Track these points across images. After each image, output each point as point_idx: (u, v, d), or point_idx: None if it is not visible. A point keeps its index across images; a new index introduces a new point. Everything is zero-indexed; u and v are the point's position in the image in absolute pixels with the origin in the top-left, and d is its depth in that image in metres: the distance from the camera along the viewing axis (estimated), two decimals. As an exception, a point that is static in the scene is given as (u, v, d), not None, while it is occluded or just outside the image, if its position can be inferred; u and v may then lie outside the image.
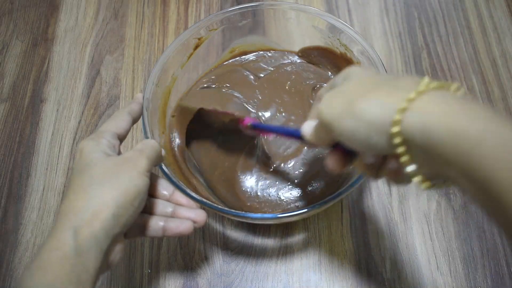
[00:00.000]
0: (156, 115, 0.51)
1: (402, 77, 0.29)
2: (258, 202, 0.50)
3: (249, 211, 0.50)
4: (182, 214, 0.41)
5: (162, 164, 0.44)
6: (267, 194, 0.50)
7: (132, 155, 0.37)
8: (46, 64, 0.67)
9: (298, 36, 0.58)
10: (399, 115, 0.26)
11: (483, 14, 0.67)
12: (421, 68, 0.63)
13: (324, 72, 0.58)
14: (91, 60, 0.66)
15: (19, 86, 0.65)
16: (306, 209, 0.42)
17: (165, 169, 0.44)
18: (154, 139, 0.47)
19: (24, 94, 0.64)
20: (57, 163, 0.59)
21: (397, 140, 0.26)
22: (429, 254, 0.50)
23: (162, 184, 0.42)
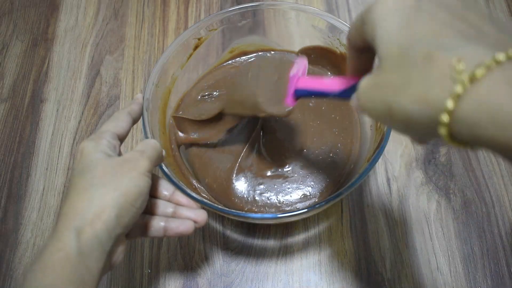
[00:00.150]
0: (156, 116, 0.51)
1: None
2: (257, 206, 0.49)
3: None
4: (183, 214, 0.41)
5: (163, 164, 0.44)
6: (266, 198, 0.50)
7: (133, 156, 0.37)
8: (46, 64, 0.67)
9: (298, 36, 0.58)
10: (446, 117, 0.21)
11: (483, 14, 0.67)
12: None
13: (324, 73, 0.58)
14: (91, 60, 0.66)
15: (19, 86, 0.65)
16: (306, 209, 0.42)
17: (165, 169, 0.44)
18: (154, 139, 0.47)
19: (24, 94, 0.64)
20: (57, 163, 0.59)
21: (443, 133, 0.22)
22: (429, 254, 0.51)
23: (163, 185, 0.42)
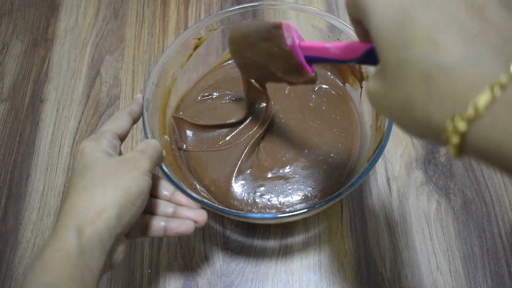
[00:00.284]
0: (156, 116, 0.51)
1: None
2: (257, 208, 0.49)
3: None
4: (183, 214, 0.41)
5: (163, 164, 0.44)
6: (266, 200, 0.49)
7: (134, 155, 0.37)
8: (46, 64, 0.67)
9: (298, 36, 0.58)
10: (455, 136, 0.21)
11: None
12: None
13: (324, 73, 0.58)
14: (91, 60, 0.66)
15: (19, 86, 0.65)
16: (306, 209, 0.42)
17: (166, 169, 0.44)
18: (154, 139, 0.47)
19: (24, 94, 0.64)
20: (57, 163, 0.58)
21: (454, 142, 0.21)
22: (429, 254, 0.51)
23: (163, 184, 0.42)
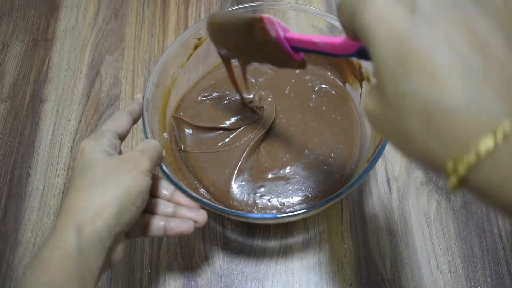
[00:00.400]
0: (156, 115, 0.51)
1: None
2: (257, 209, 0.49)
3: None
4: (183, 214, 0.41)
5: (163, 164, 0.43)
6: (267, 201, 0.49)
7: (134, 155, 0.37)
8: (46, 64, 0.67)
9: (298, 36, 0.58)
10: (455, 177, 0.20)
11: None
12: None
13: (324, 73, 0.58)
14: (91, 60, 0.67)
15: (19, 86, 0.65)
16: (306, 209, 0.42)
17: (166, 169, 0.44)
18: (154, 139, 0.47)
19: (24, 94, 0.64)
20: (57, 163, 0.58)
21: (453, 181, 0.21)
22: (429, 254, 0.51)
23: (163, 184, 0.42)
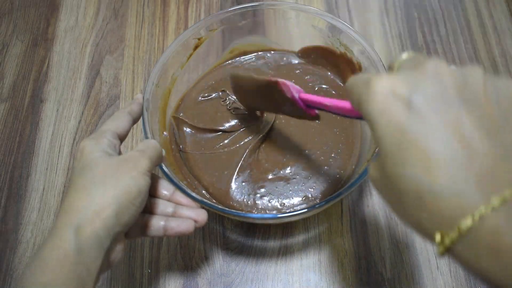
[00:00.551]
0: (156, 116, 0.51)
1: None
2: (257, 210, 0.49)
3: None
4: (183, 214, 0.41)
5: (163, 164, 0.44)
6: (267, 201, 0.49)
7: (134, 155, 0.37)
8: (46, 64, 0.67)
9: (298, 36, 0.58)
10: (442, 247, 0.22)
11: (483, 14, 0.67)
12: (421, 68, 0.63)
13: (324, 73, 0.58)
14: (91, 60, 0.66)
15: (19, 86, 0.65)
16: (306, 209, 0.42)
17: (166, 169, 0.44)
18: (154, 139, 0.47)
19: (24, 94, 0.64)
20: (57, 163, 0.59)
21: (440, 250, 0.23)
22: (429, 254, 0.50)
23: (163, 184, 0.42)
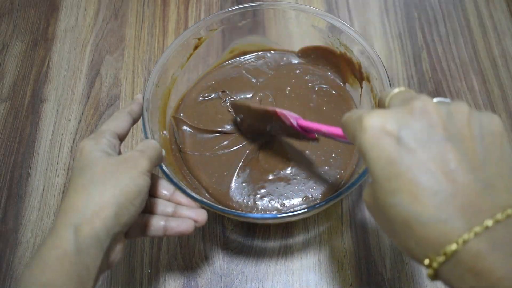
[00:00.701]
0: (156, 116, 0.51)
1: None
2: (257, 210, 0.49)
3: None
4: (183, 214, 0.41)
5: (163, 164, 0.43)
6: (267, 202, 0.49)
7: (133, 155, 0.37)
8: (46, 64, 0.67)
9: (298, 36, 0.58)
10: (431, 269, 0.24)
11: (483, 14, 0.67)
12: (421, 68, 0.63)
13: (324, 73, 0.58)
14: (91, 60, 0.66)
15: (19, 86, 0.65)
16: (306, 209, 0.42)
17: (166, 169, 0.44)
18: (154, 140, 0.47)
19: (24, 94, 0.64)
20: (57, 163, 0.59)
21: (429, 273, 0.25)
22: (429, 254, 0.50)
23: (163, 184, 0.42)
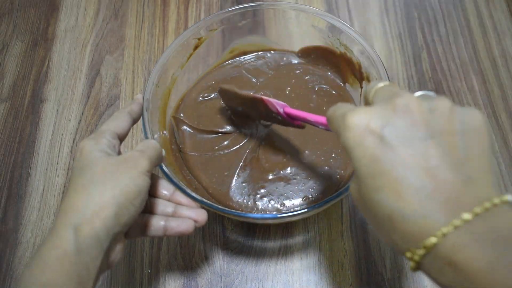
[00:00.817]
0: (156, 116, 0.51)
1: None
2: (257, 210, 0.49)
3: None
4: (183, 214, 0.41)
5: (163, 164, 0.43)
6: (267, 202, 0.49)
7: (133, 155, 0.37)
8: (46, 64, 0.67)
9: (298, 36, 0.58)
10: (413, 262, 0.25)
11: (483, 14, 0.67)
12: (421, 68, 0.63)
13: (324, 73, 0.58)
14: (91, 60, 0.66)
15: (19, 86, 0.65)
16: (306, 209, 0.42)
17: (166, 169, 0.44)
18: (154, 140, 0.47)
19: (24, 94, 0.64)
20: (57, 163, 0.59)
21: (412, 265, 0.26)
22: (429, 254, 0.50)
23: (163, 184, 0.42)
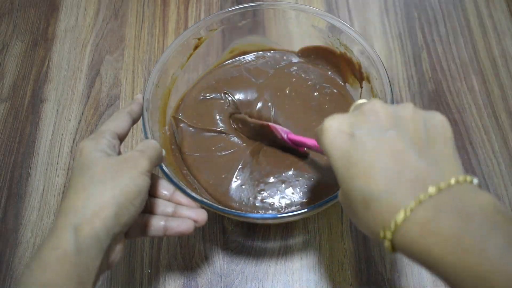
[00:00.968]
0: (156, 116, 0.51)
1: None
2: (257, 210, 0.49)
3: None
4: (183, 214, 0.41)
5: (163, 164, 0.43)
6: (267, 205, 0.49)
7: (133, 155, 0.37)
8: (46, 64, 0.67)
9: (298, 36, 0.58)
10: (387, 241, 0.28)
11: (483, 14, 0.67)
12: (421, 68, 0.63)
13: (324, 73, 0.58)
14: (91, 60, 0.67)
15: (19, 86, 0.65)
16: (306, 209, 0.42)
17: (166, 169, 0.44)
18: (154, 140, 0.47)
19: (24, 94, 0.64)
20: (57, 163, 0.59)
21: (386, 245, 0.28)
22: (429, 254, 0.50)
23: (163, 184, 0.42)
